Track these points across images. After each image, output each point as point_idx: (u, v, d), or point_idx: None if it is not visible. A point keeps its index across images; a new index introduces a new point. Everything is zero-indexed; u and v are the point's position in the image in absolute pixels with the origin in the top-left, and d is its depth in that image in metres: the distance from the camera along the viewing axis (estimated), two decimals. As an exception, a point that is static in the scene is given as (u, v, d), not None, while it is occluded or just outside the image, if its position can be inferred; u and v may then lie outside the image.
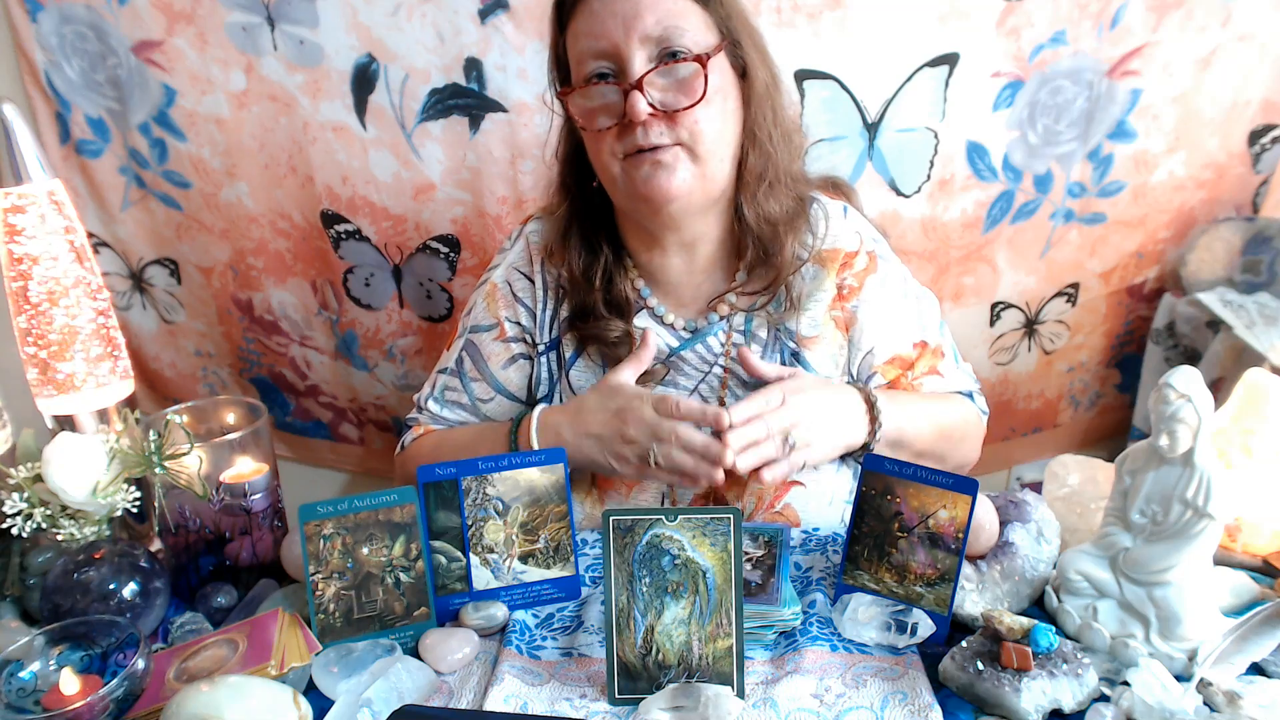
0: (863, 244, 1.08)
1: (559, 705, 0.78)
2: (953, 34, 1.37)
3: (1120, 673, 0.78)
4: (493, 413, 1.13)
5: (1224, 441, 0.96)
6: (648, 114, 0.92)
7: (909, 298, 1.11)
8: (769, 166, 1.01)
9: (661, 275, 1.08)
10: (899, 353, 1.09)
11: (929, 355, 1.11)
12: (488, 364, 1.12)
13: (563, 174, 1.08)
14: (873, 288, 1.07)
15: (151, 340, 1.80)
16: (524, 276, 1.12)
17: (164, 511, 0.97)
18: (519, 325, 1.12)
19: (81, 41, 1.50)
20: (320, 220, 1.56)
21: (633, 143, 0.94)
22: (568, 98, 0.99)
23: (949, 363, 1.12)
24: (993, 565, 0.89)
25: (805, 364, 1.06)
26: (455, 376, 1.14)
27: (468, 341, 1.14)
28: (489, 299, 1.13)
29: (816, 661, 0.81)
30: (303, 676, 0.81)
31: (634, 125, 0.93)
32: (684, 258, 1.06)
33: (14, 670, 0.78)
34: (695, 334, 1.07)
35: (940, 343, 1.12)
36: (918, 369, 1.10)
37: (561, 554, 0.93)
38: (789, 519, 1.05)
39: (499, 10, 1.35)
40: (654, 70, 0.92)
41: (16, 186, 1.04)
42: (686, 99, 0.92)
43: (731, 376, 1.06)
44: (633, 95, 0.91)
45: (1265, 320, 1.40)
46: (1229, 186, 1.56)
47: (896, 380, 1.10)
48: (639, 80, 0.91)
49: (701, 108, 0.93)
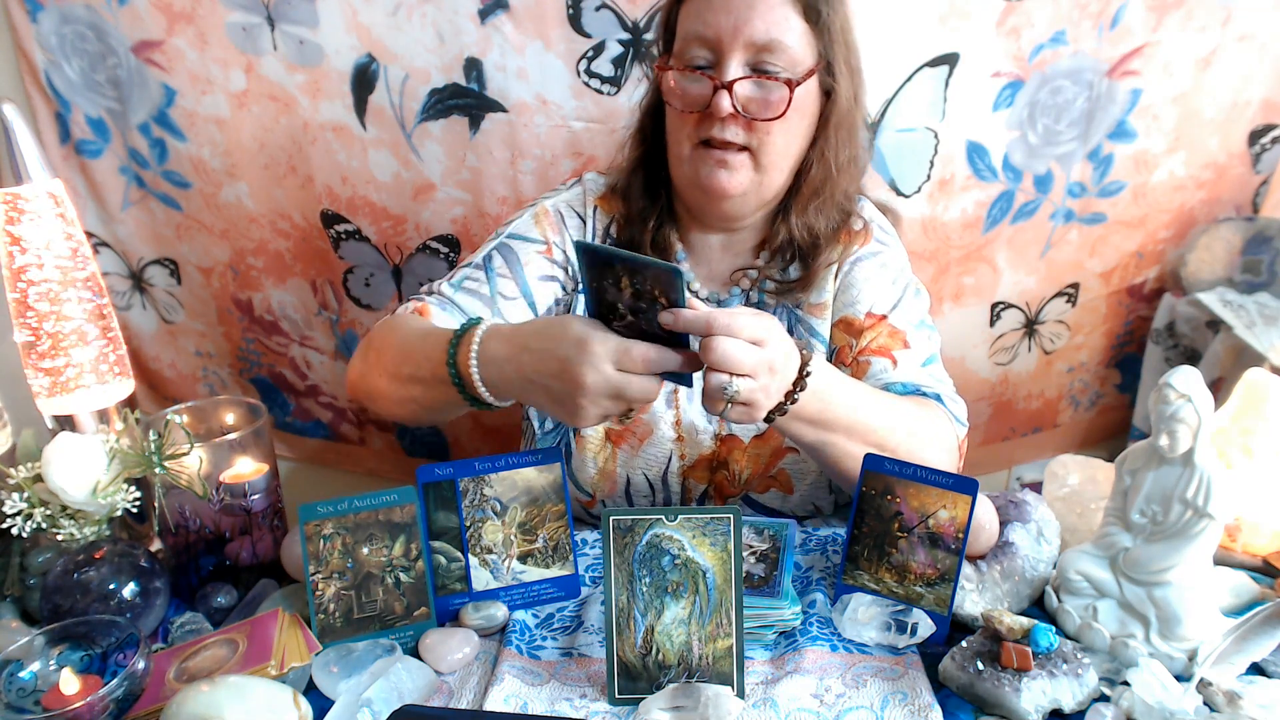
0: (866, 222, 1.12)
1: (559, 705, 0.78)
2: (953, 34, 1.37)
3: (1120, 673, 0.78)
4: (510, 314, 1.08)
5: (1224, 441, 0.96)
6: (729, 113, 0.96)
7: (896, 284, 1.10)
8: (828, 184, 1.05)
9: (700, 246, 1.12)
10: (847, 315, 1.08)
11: (884, 334, 1.07)
12: (523, 269, 1.09)
13: (643, 121, 1.11)
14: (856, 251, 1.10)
15: (151, 340, 1.80)
16: (576, 214, 1.14)
17: (164, 511, 0.96)
18: (564, 254, 1.12)
19: (81, 41, 1.50)
20: (320, 220, 1.56)
21: (708, 132, 0.98)
22: (664, 71, 1.01)
23: (910, 355, 1.06)
24: (993, 565, 0.89)
25: (815, 333, 1.09)
26: (481, 270, 1.09)
27: (503, 244, 1.11)
28: (538, 219, 1.12)
29: (816, 661, 0.81)
30: (303, 676, 0.81)
31: (714, 117, 0.97)
32: (724, 238, 1.11)
33: (14, 670, 0.78)
34: (719, 305, 1.10)
35: (907, 332, 1.07)
36: (865, 340, 1.07)
37: (560, 553, 0.93)
38: (780, 485, 1.08)
39: (499, 10, 1.35)
40: (747, 77, 0.96)
41: (16, 186, 1.04)
42: (767, 112, 0.97)
43: None
44: (720, 93, 0.96)
45: (1265, 320, 1.40)
46: (1229, 186, 1.56)
47: (842, 350, 1.08)
48: (730, 83, 0.95)
49: (779, 122, 0.98)
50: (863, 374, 1.05)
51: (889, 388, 1.03)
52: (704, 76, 0.97)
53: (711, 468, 1.11)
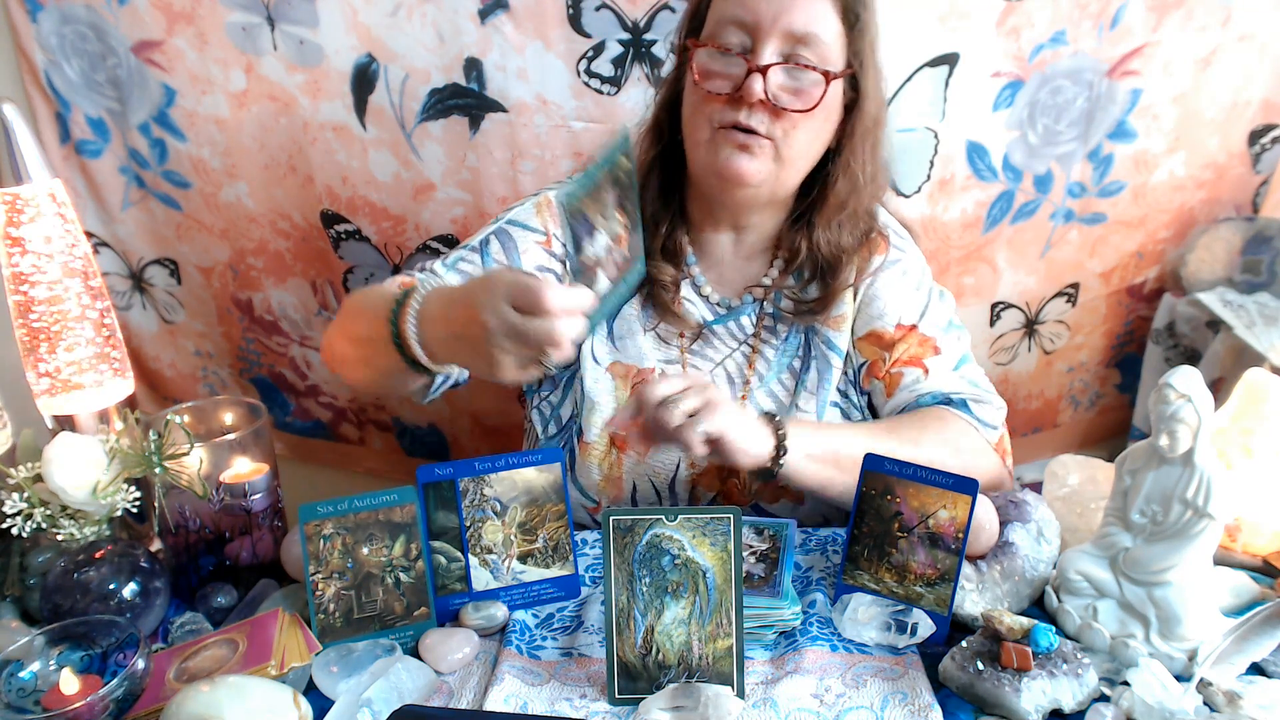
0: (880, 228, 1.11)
1: (559, 705, 0.78)
2: (953, 34, 1.37)
3: (1120, 673, 0.78)
4: None
5: (1224, 441, 0.96)
6: (759, 99, 0.94)
7: (920, 289, 1.10)
8: (853, 198, 1.05)
9: (710, 248, 1.11)
10: (876, 328, 1.08)
11: (914, 343, 1.08)
12: (520, 256, 1.07)
13: (658, 117, 1.09)
14: (876, 263, 1.09)
15: (151, 340, 1.80)
16: None
17: (164, 511, 0.96)
18: (564, 247, 1.10)
19: (81, 41, 1.50)
20: (320, 220, 1.56)
21: (732, 116, 0.96)
22: (696, 49, 0.99)
23: (941, 361, 1.08)
24: (993, 565, 0.89)
25: (832, 345, 1.08)
26: (476, 253, 1.07)
27: (502, 229, 1.08)
28: (540, 209, 1.10)
29: (816, 661, 0.81)
30: (303, 676, 0.81)
31: (742, 102, 0.95)
32: (733, 238, 1.10)
33: (14, 670, 0.78)
34: (730, 311, 1.10)
35: (936, 338, 1.09)
36: (897, 352, 1.08)
37: (560, 553, 0.93)
38: (791, 494, 1.06)
39: (499, 10, 1.35)
40: (782, 64, 0.95)
41: (16, 186, 1.04)
42: (799, 104, 0.96)
43: (759, 356, 1.09)
44: (753, 76, 0.94)
45: (1265, 320, 1.40)
46: (1229, 186, 1.56)
47: (875, 364, 1.09)
48: (766, 66, 0.94)
49: (806, 117, 0.96)
50: (896, 385, 1.08)
51: (920, 400, 1.07)
52: (739, 57, 0.96)
53: (722, 476, 1.08)
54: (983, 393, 1.09)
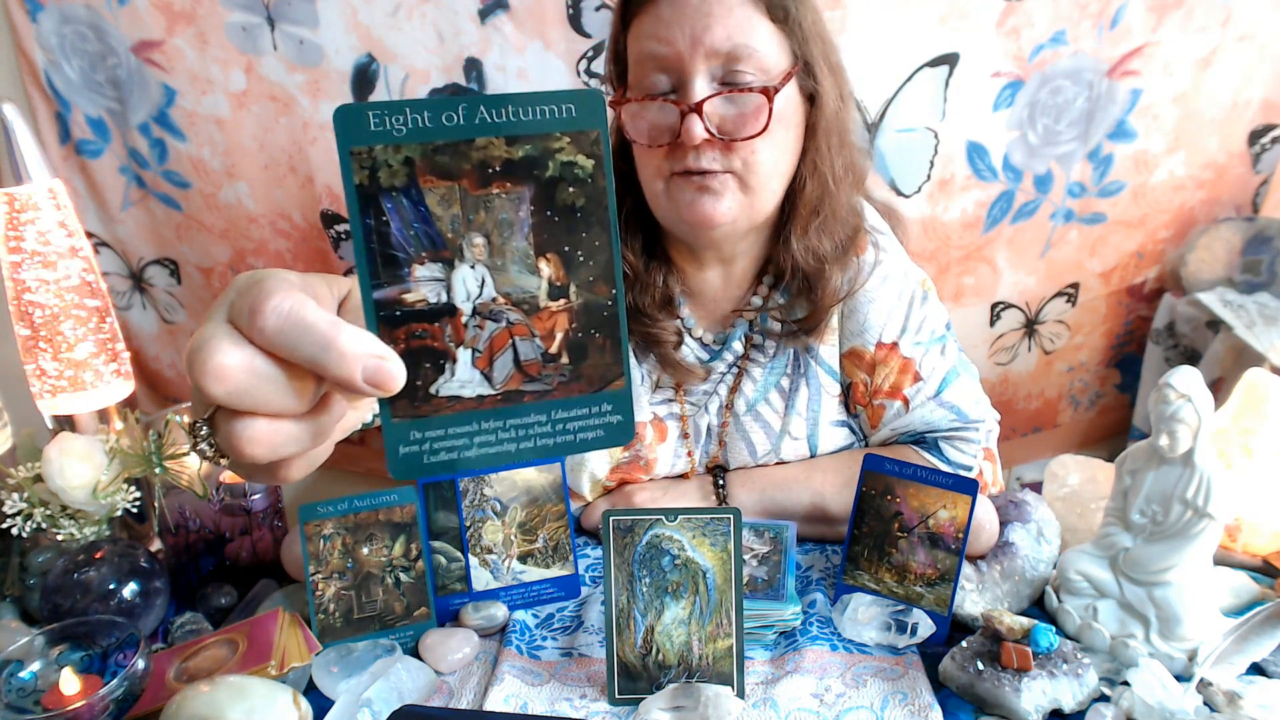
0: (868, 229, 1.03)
1: (559, 705, 0.78)
2: (953, 34, 1.37)
3: (1120, 673, 0.78)
4: None
5: (1224, 441, 0.96)
6: (703, 139, 0.85)
7: (901, 297, 1.01)
8: (825, 200, 0.95)
9: (698, 288, 1.04)
10: (856, 346, 1.01)
11: (895, 369, 1.01)
12: None
13: (618, 168, 0.97)
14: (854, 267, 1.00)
15: (151, 340, 1.80)
16: None
17: (164, 511, 0.96)
18: None
19: (81, 41, 1.50)
20: (320, 220, 1.56)
21: (682, 164, 0.88)
22: (620, 105, 0.91)
23: (922, 389, 1.01)
24: (993, 565, 0.89)
25: (821, 361, 1.03)
26: None
27: None
28: None
29: (816, 661, 0.81)
30: (303, 676, 0.81)
31: (685, 147, 0.87)
32: (721, 272, 1.03)
33: (14, 670, 0.78)
34: (724, 345, 1.05)
35: (916, 359, 1.00)
36: (878, 378, 1.01)
37: (560, 553, 0.93)
38: None
39: (499, 10, 1.35)
40: (716, 94, 0.86)
41: (16, 186, 1.04)
42: (746, 130, 0.86)
43: (746, 377, 1.04)
44: (690, 118, 0.85)
45: (1265, 320, 1.40)
46: (1229, 186, 1.56)
47: (856, 388, 1.02)
48: (699, 104, 0.85)
49: (762, 139, 0.87)
50: (879, 419, 1.03)
51: (900, 439, 1.05)
52: (667, 103, 0.86)
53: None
54: (965, 419, 1.03)
